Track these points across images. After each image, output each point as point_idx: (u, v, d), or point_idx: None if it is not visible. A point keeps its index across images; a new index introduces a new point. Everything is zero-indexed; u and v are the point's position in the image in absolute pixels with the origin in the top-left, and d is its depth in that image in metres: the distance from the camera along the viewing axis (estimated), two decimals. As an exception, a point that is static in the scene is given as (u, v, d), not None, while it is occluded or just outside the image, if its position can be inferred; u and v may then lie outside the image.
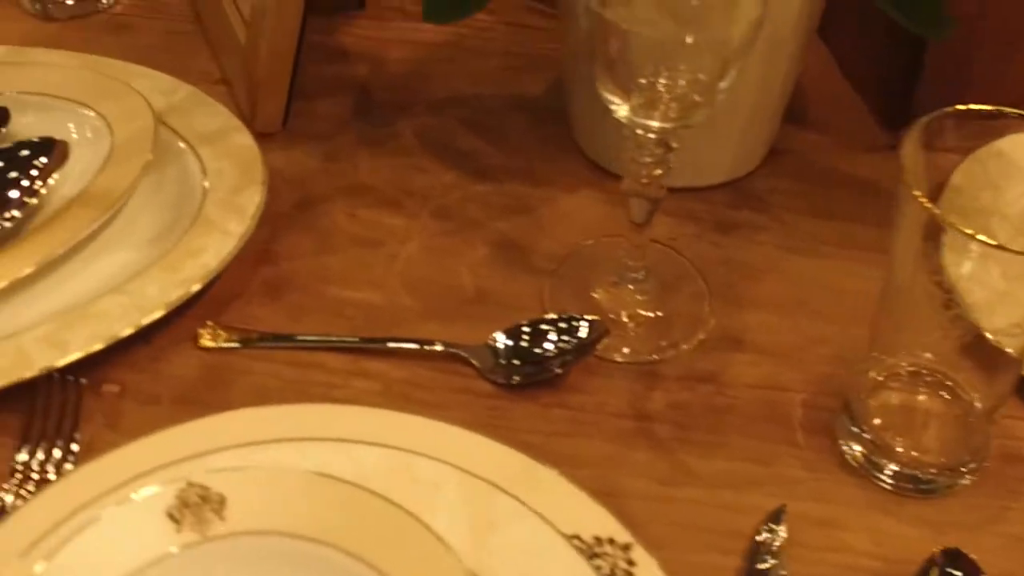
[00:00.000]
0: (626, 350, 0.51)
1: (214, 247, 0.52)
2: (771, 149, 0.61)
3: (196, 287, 0.50)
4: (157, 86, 0.60)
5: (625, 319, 0.53)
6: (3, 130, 0.57)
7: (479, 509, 0.41)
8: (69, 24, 0.69)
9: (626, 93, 0.45)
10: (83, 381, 0.47)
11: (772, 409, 0.50)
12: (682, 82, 0.44)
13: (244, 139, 0.57)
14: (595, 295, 0.53)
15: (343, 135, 0.62)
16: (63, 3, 0.69)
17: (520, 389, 0.50)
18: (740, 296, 0.55)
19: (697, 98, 0.45)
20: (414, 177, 0.59)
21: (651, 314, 0.53)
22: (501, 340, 0.50)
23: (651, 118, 0.46)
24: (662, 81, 0.45)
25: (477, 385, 0.50)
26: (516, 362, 0.49)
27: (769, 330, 0.53)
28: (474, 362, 0.50)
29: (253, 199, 0.54)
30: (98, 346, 0.48)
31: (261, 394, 0.50)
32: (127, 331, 0.48)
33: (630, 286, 0.53)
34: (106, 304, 0.50)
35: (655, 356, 0.52)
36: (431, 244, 0.56)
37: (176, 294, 0.50)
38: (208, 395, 0.49)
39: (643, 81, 0.45)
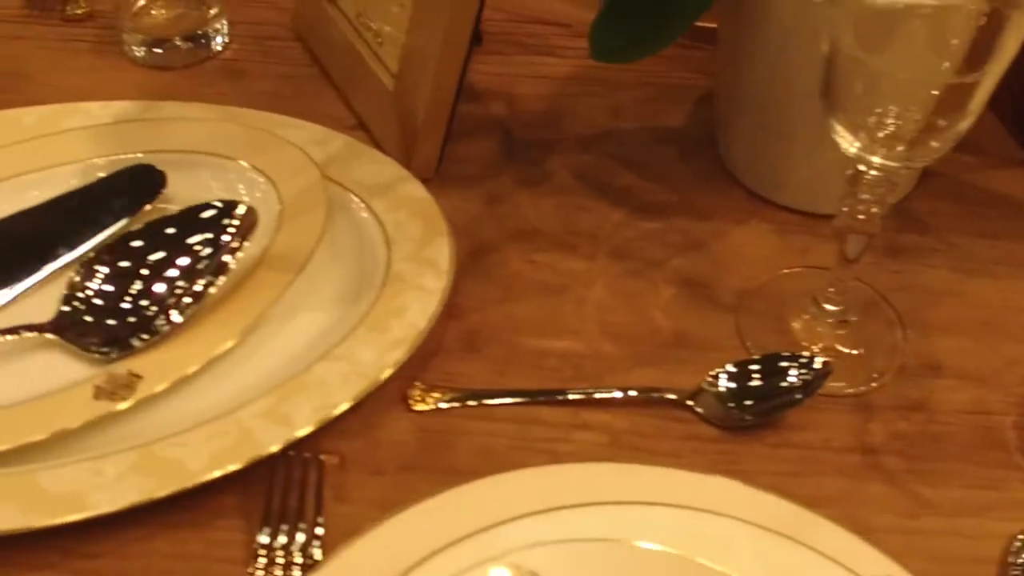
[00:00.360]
0: (835, 384, 0.51)
1: (417, 305, 0.50)
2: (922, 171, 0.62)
3: (409, 348, 0.49)
4: (310, 137, 0.58)
5: (825, 352, 0.53)
6: (163, 192, 0.55)
7: (779, 563, 0.41)
8: (182, 73, 0.66)
9: (859, 131, 0.46)
10: (322, 457, 0.46)
11: (986, 433, 0.51)
12: (918, 119, 0.45)
13: (415, 189, 0.55)
14: (793, 330, 0.53)
15: (498, 177, 0.61)
16: (177, 49, 0.66)
17: (743, 432, 0.50)
18: (928, 321, 0.55)
19: (935, 143, 0.45)
20: (580, 217, 0.59)
21: (850, 346, 0.53)
22: (723, 382, 0.50)
23: (879, 155, 0.47)
24: (899, 122, 0.45)
25: (701, 430, 0.50)
26: (749, 402, 0.49)
27: (963, 354, 0.53)
28: (698, 409, 0.50)
29: (443, 252, 0.53)
30: (325, 419, 0.46)
31: (486, 455, 0.49)
32: (351, 400, 0.47)
33: (828, 319, 0.54)
34: (322, 372, 0.48)
35: (862, 388, 0.52)
36: (616, 287, 0.55)
37: (392, 357, 0.48)
38: (432, 460, 0.48)
39: (880, 121, 0.45)
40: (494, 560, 0.38)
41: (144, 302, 0.50)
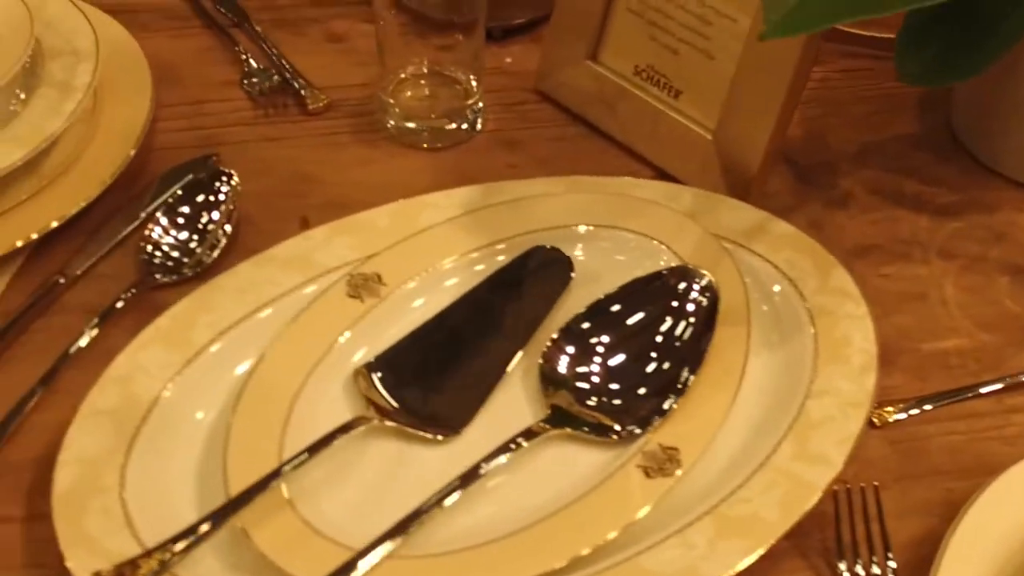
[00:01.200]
0: None
1: (857, 332, 0.54)
2: None
3: (875, 372, 0.53)
4: (661, 194, 0.60)
5: None
6: (573, 275, 0.56)
7: None
8: (458, 150, 0.67)
9: None
10: (875, 483, 0.50)
11: None
12: None
13: (783, 227, 0.59)
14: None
15: (808, 203, 0.65)
16: (447, 128, 0.66)
17: None
18: None
19: None
20: (895, 228, 0.64)
21: None
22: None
23: None
24: None
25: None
26: None
27: None
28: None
29: (846, 280, 0.57)
30: (851, 450, 0.50)
31: (954, 451, 0.54)
32: (860, 429, 0.50)
33: None
34: (818, 409, 0.51)
35: None
36: (961, 284, 0.62)
37: (868, 382, 0.52)
38: (917, 466, 0.53)
39: None
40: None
41: (655, 372, 0.51)
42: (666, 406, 0.51)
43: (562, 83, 0.70)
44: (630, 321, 0.53)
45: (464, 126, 0.67)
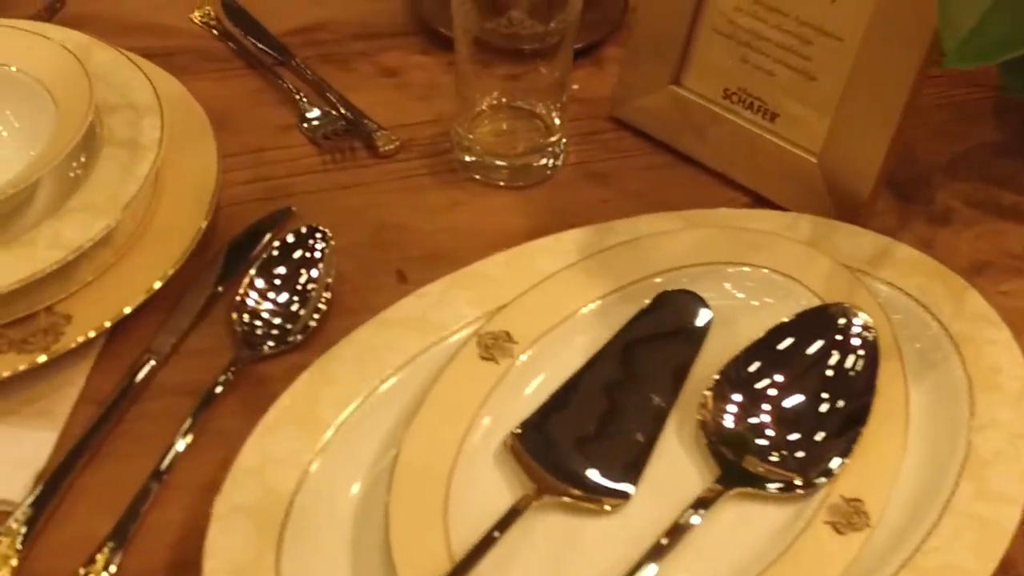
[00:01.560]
0: None
1: (1003, 359, 0.52)
2: None
3: None
4: (777, 224, 0.57)
5: None
6: (711, 318, 0.53)
7: None
8: (543, 188, 0.63)
9: None
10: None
11: None
12: None
13: (907, 252, 0.57)
14: None
15: (912, 221, 0.63)
16: (532, 165, 0.62)
17: None
18: None
19: None
20: (1000, 240, 0.63)
21: None
22: None
23: None
24: None
25: None
26: None
27: None
28: None
29: (980, 303, 0.55)
30: None
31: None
32: None
33: None
34: (986, 443, 0.49)
35: None
36: (1080, 296, 0.61)
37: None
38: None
39: None
40: None
41: (830, 412, 0.48)
42: (848, 451, 0.48)
43: (642, 109, 0.66)
44: (792, 363, 0.50)
45: (548, 162, 0.64)
